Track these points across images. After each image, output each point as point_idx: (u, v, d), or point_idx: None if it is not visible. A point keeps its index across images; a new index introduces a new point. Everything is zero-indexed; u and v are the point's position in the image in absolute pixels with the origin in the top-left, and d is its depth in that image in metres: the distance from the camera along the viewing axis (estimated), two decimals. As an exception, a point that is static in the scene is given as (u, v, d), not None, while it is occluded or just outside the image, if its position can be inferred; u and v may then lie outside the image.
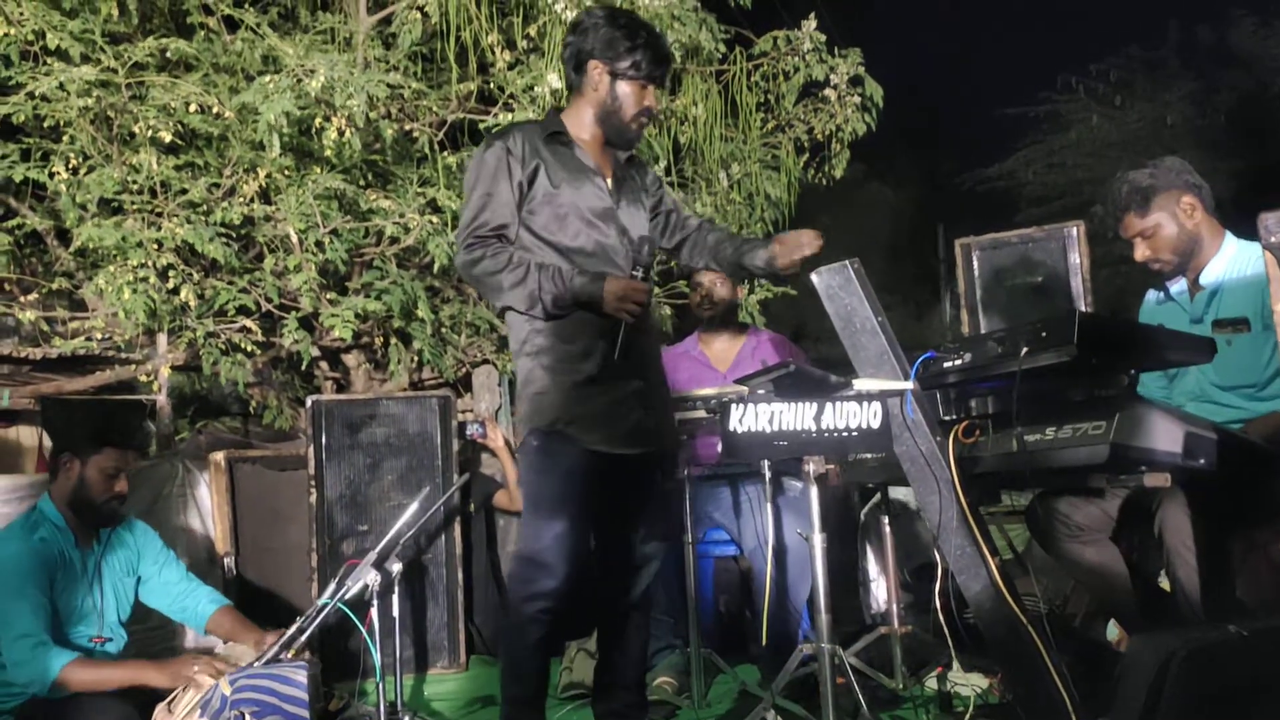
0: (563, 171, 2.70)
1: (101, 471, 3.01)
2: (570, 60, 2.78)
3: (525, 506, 2.73)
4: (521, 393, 2.70)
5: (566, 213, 2.68)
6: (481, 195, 2.65)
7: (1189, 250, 2.92)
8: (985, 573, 2.56)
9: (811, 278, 2.65)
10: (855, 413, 2.46)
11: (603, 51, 2.71)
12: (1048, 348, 2.25)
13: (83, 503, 3.02)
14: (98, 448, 3.02)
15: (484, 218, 2.64)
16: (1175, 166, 2.96)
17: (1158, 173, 2.93)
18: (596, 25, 2.72)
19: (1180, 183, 2.91)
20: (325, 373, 5.42)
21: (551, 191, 2.67)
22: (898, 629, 3.39)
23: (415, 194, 4.72)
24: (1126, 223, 2.96)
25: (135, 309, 4.05)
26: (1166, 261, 2.94)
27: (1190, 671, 2.17)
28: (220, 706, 2.74)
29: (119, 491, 3.05)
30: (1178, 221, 2.91)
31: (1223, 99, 13.00)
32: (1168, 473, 2.29)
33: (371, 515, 4.15)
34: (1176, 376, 3.02)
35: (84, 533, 3.08)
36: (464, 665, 4.18)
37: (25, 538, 2.93)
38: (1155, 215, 2.92)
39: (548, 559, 2.62)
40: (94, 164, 4.20)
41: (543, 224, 2.67)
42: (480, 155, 2.69)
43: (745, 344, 4.08)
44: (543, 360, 2.65)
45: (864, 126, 5.93)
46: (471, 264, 2.64)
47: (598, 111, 2.76)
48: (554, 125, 2.74)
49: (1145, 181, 2.92)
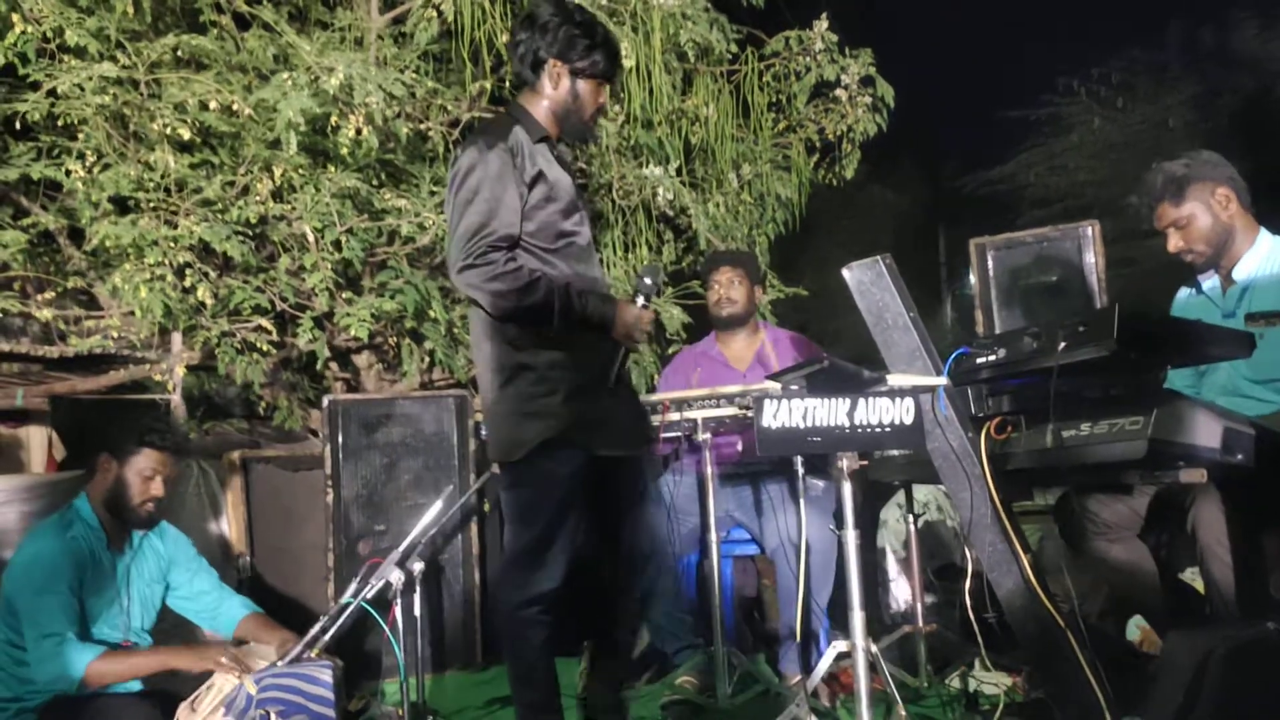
0: (555, 175, 2.67)
1: (139, 474, 2.98)
2: (526, 58, 2.71)
3: (520, 512, 2.68)
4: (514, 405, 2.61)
5: (555, 217, 2.65)
6: (487, 201, 2.52)
7: (1222, 242, 2.91)
8: (1017, 570, 2.55)
9: (843, 273, 2.64)
10: (888, 409, 2.45)
11: (563, 51, 2.68)
12: (1087, 343, 2.23)
13: (119, 504, 2.99)
14: (137, 449, 2.99)
15: (492, 226, 2.51)
16: (1212, 159, 2.94)
17: (1193, 163, 2.91)
18: (555, 23, 2.68)
19: (1216, 174, 2.90)
20: (335, 373, 5.40)
21: (547, 197, 2.63)
22: (922, 627, 3.39)
23: (429, 193, 4.71)
24: (1161, 212, 2.95)
25: (153, 307, 4.03)
26: (1200, 253, 2.93)
27: (1229, 670, 2.17)
28: (246, 706, 2.72)
29: (155, 494, 3.01)
30: (1212, 213, 2.90)
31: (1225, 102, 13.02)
32: (1204, 469, 2.28)
33: (388, 515, 4.13)
34: (1207, 371, 3.00)
35: (117, 535, 3.05)
36: (480, 665, 4.16)
37: (59, 535, 2.90)
38: (1190, 205, 2.90)
39: (546, 562, 2.62)
40: (109, 162, 4.19)
41: (533, 229, 2.62)
42: (480, 157, 2.54)
43: (763, 343, 4.06)
44: (548, 367, 2.61)
45: (875, 127, 5.94)
46: (480, 276, 2.50)
47: (557, 110, 2.73)
48: (537, 128, 2.69)
49: (1180, 171, 2.91)
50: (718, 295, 4.02)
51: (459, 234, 2.53)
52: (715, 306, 4.04)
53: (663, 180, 5.19)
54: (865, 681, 2.43)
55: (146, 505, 3.00)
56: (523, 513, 2.66)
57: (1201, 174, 2.90)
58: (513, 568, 2.66)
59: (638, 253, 5.50)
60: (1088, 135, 14.21)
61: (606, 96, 2.80)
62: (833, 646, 2.62)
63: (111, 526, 3.01)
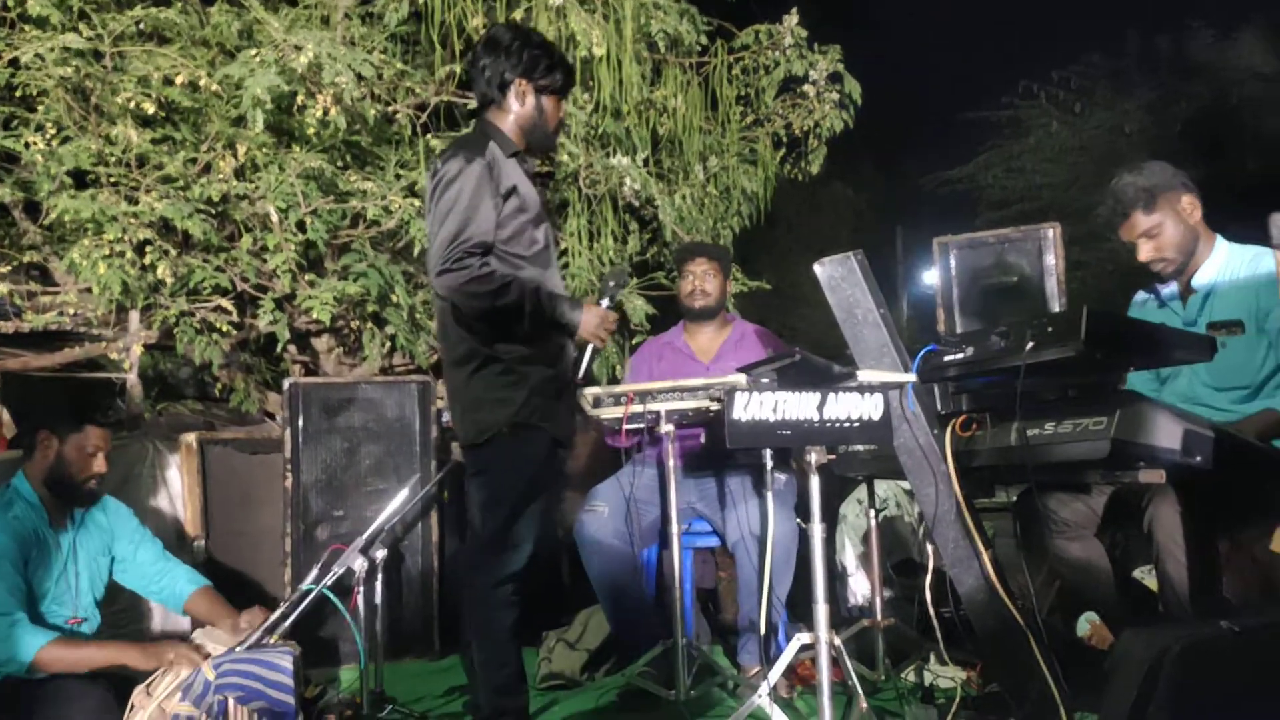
0: (525, 188, 2.86)
1: (81, 450, 2.95)
2: (492, 80, 2.91)
3: (491, 494, 2.80)
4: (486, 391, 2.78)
5: (524, 226, 2.84)
6: (465, 210, 2.70)
7: (1191, 249, 2.96)
8: (978, 566, 2.59)
9: (814, 268, 2.65)
10: (857, 404, 2.47)
11: (527, 71, 2.90)
12: (1054, 342, 2.26)
13: (60, 481, 2.95)
14: (78, 426, 2.95)
15: (469, 232, 2.69)
16: (1168, 168, 3.01)
17: (1156, 173, 2.97)
18: (517, 46, 2.90)
19: (1179, 183, 2.96)
20: (294, 356, 5.34)
21: (519, 208, 2.81)
22: (880, 621, 3.42)
23: (395, 176, 4.67)
24: (1133, 221, 2.99)
25: (111, 284, 3.96)
26: (1170, 260, 2.98)
27: (1183, 668, 2.20)
28: (203, 691, 2.69)
29: (98, 470, 2.98)
30: (1181, 220, 2.96)
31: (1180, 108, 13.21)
32: (1163, 469, 2.33)
33: (347, 500, 4.10)
34: (1168, 378, 3.06)
35: (59, 511, 3.00)
36: (438, 653, 4.15)
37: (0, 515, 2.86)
38: (1160, 214, 2.96)
39: (519, 539, 2.76)
40: (69, 135, 4.10)
41: (506, 237, 2.79)
42: (460, 169, 2.73)
43: (729, 336, 4.07)
44: (515, 359, 2.77)
45: (841, 123, 5.98)
46: (457, 279, 2.68)
47: (524, 125, 2.94)
48: (509, 143, 2.88)
49: (1149, 182, 2.96)
50: (692, 286, 4.02)
51: (439, 240, 2.71)
52: (688, 298, 4.04)
53: (630, 170, 5.18)
54: (827, 674, 2.45)
55: (90, 482, 2.98)
56: (493, 494, 2.79)
57: (1167, 184, 2.96)
58: (486, 549, 2.76)
59: (603, 242, 5.48)
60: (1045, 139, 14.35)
61: (564, 111, 3.04)
62: (796, 639, 2.63)
63: (52, 504, 2.98)
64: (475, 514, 2.86)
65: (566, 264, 5.41)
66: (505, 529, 2.76)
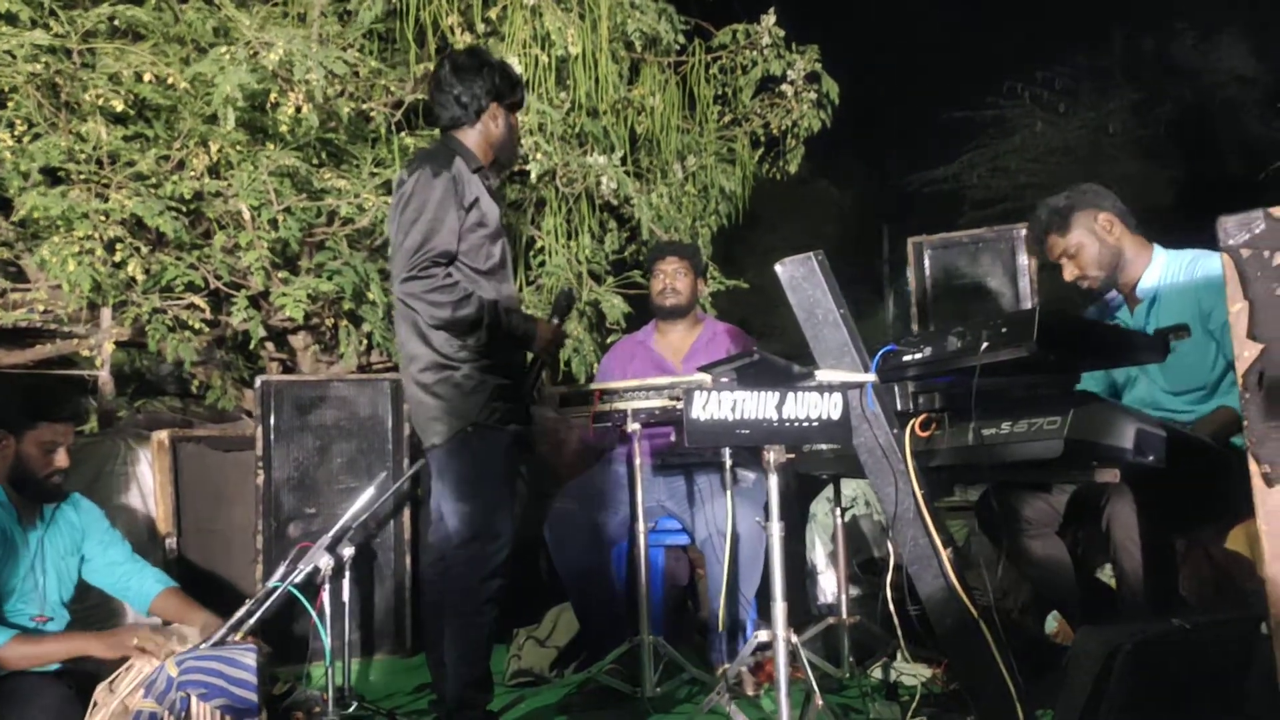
0: (487, 203, 2.97)
1: (39, 446, 2.93)
2: (469, 105, 3.02)
3: (464, 490, 2.88)
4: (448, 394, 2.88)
5: (484, 241, 2.94)
6: (430, 221, 2.80)
7: (1113, 265, 3.03)
8: (937, 565, 2.60)
9: (775, 268, 2.66)
10: (816, 403, 2.48)
11: (498, 93, 3.05)
12: (1008, 343, 2.28)
13: (23, 479, 2.94)
14: (32, 423, 2.93)
15: (433, 243, 2.79)
16: (1091, 189, 3.09)
17: (1073, 195, 3.07)
18: (489, 71, 3.03)
19: (1097, 203, 3.04)
20: (271, 353, 5.33)
21: (479, 222, 2.92)
22: (846, 619, 3.44)
23: (370, 174, 4.67)
24: (1050, 244, 3.09)
25: (80, 281, 3.96)
26: (1094, 278, 3.05)
27: (1135, 664, 2.23)
28: (166, 688, 2.69)
29: (59, 465, 2.97)
30: (1098, 238, 3.03)
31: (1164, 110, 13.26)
32: (1117, 469, 2.35)
33: (320, 498, 4.11)
34: (1126, 385, 3.10)
35: (27, 510, 3.00)
36: (409, 650, 4.15)
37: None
38: (1075, 234, 3.03)
39: (499, 530, 2.87)
40: (40, 131, 4.09)
41: (465, 249, 2.89)
42: (426, 182, 2.83)
43: (700, 335, 4.09)
44: (473, 367, 2.88)
45: (819, 123, 6.00)
46: (421, 288, 2.79)
47: (495, 144, 3.08)
48: (473, 159, 3.00)
49: (1062, 204, 3.07)
50: (662, 285, 4.04)
51: (404, 248, 2.82)
52: (659, 296, 4.06)
53: (606, 169, 5.18)
54: (785, 671, 2.46)
55: (52, 477, 2.96)
56: (463, 491, 2.88)
57: (1083, 203, 3.04)
58: (466, 545, 2.86)
59: (579, 240, 5.49)
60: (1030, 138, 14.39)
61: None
62: (754, 636, 2.65)
63: (20, 502, 2.97)
64: (447, 516, 2.91)
65: (543, 262, 5.42)
66: (482, 524, 2.85)
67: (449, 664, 2.88)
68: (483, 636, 2.89)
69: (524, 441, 3.03)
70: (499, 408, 2.90)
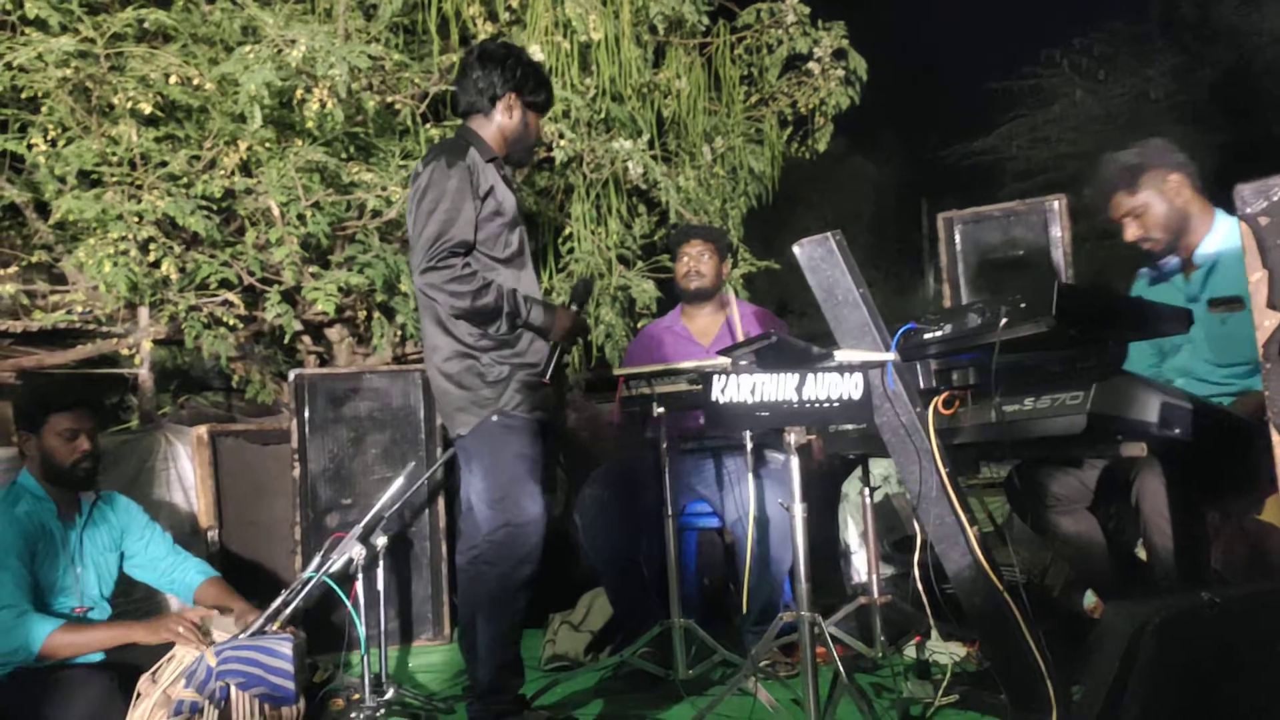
0: (503, 192, 2.99)
1: (59, 436, 3.01)
2: (485, 91, 3.05)
3: (492, 479, 2.90)
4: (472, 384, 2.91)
5: (501, 229, 2.96)
6: (447, 211, 2.83)
7: (1179, 228, 2.92)
8: (964, 542, 2.58)
9: (793, 249, 2.66)
10: (836, 384, 2.47)
11: (519, 86, 3.06)
12: (1026, 318, 2.26)
13: (54, 471, 3.02)
14: (44, 416, 3.02)
15: (451, 233, 2.82)
16: (1161, 146, 2.96)
17: (1144, 151, 2.93)
18: (511, 63, 3.05)
19: (1167, 161, 2.92)
20: (308, 347, 5.40)
21: (496, 211, 2.94)
22: (877, 599, 3.43)
23: (398, 167, 4.70)
24: (1115, 202, 2.96)
25: (116, 282, 4.03)
26: (1157, 240, 2.95)
27: (1163, 639, 2.20)
28: (206, 677, 2.75)
29: (83, 450, 3.03)
30: (1166, 199, 2.91)
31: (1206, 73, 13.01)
32: (1144, 442, 2.32)
33: (355, 489, 4.16)
34: (1169, 354, 3.03)
35: (65, 504, 3.07)
36: (447, 637, 4.20)
37: (5, 510, 2.93)
38: (1143, 194, 2.92)
39: (528, 517, 2.88)
40: (73, 135, 4.17)
41: (482, 238, 2.92)
42: (441, 173, 2.86)
43: (728, 318, 4.08)
44: (495, 356, 2.92)
45: (847, 100, 5.95)
46: (441, 278, 2.82)
47: (509, 135, 3.09)
48: (487, 149, 3.01)
49: (1132, 160, 2.93)
50: (686, 268, 4.04)
51: (422, 240, 2.84)
52: (683, 279, 4.06)
53: (633, 154, 5.18)
54: (810, 651, 2.47)
55: (81, 465, 3.03)
56: (492, 479, 2.90)
57: (1153, 161, 2.92)
58: (503, 532, 2.87)
59: (609, 225, 5.49)
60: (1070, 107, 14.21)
61: (542, 128, 3.27)
62: (780, 618, 2.65)
63: (58, 496, 3.05)
64: (476, 505, 2.94)
65: (572, 249, 5.43)
66: (511, 511, 2.87)
67: (481, 649, 2.91)
68: (514, 622, 2.92)
69: (551, 428, 3.05)
70: (523, 395, 2.92)
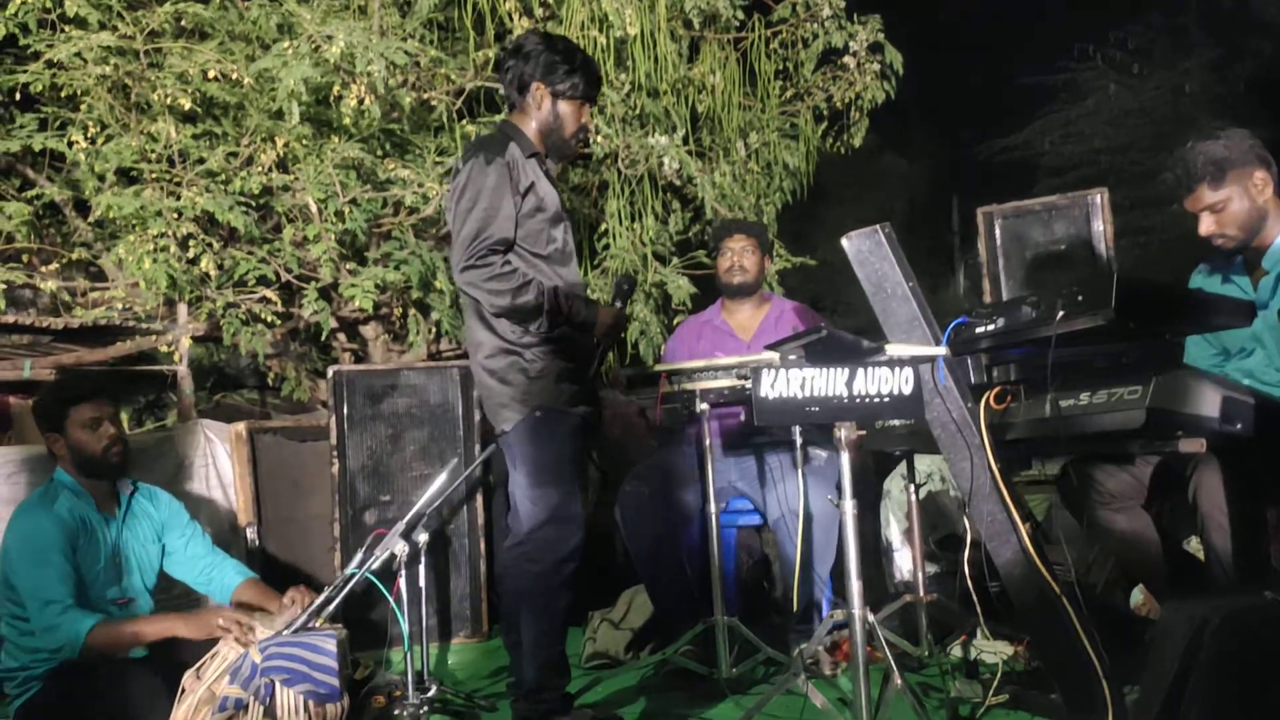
0: (544, 188, 2.94)
1: (83, 428, 3.02)
2: (513, 82, 3.01)
3: (537, 475, 2.88)
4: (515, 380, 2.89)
5: (543, 226, 2.92)
6: (486, 209, 2.79)
7: (1256, 228, 2.81)
8: (1016, 540, 2.54)
9: (842, 242, 2.62)
10: (887, 379, 2.44)
11: (545, 74, 2.97)
12: (1084, 311, 2.21)
13: (87, 464, 3.03)
14: (64, 411, 3.03)
15: (490, 231, 2.79)
16: (1247, 139, 2.83)
17: (1231, 145, 2.80)
18: (537, 50, 2.98)
19: (1254, 157, 2.79)
20: (343, 344, 5.42)
21: (537, 207, 2.90)
22: (923, 597, 3.39)
23: (434, 163, 4.70)
24: (1198, 194, 2.82)
25: (156, 278, 4.05)
26: (1232, 238, 2.82)
27: (1224, 638, 2.16)
28: (250, 674, 2.74)
29: (110, 435, 3.04)
30: (1249, 197, 2.79)
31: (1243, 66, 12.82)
32: (1203, 438, 2.26)
33: (394, 485, 4.15)
34: (1234, 356, 2.94)
35: (103, 497, 3.09)
36: (486, 635, 4.19)
37: (45, 507, 2.95)
38: (1228, 189, 2.78)
39: (574, 513, 2.87)
40: (112, 133, 4.19)
41: (523, 235, 2.88)
42: (479, 170, 2.82)
43: (769, 313, 4.05)
44: (538, 351, 2.89)
45: (883, 94, 5.90)
46: (480, 276, 2.79)
47: (541, 128, 3.01)
48: (528, 144, 2.96)
49: (1220, 154, 2.79)
50: (729, 263, 4.00)
51: (461, 238, 2.81)
52: (726, 274, 4.02)
53: (668, 149, 5.15)
54: (862, 650, 2.43)
55: (112, 451, 3.04)
56: (535, 475, 2.88)
57: (1241, 158, 2.78)
58: (545, 529, 2.86)
59: (644, 222, 5.47)
60: (1104, 102, 14.03)
61: (589, 118, 3.10)
62: (829, 616, 2.62)
63: (95, 489, 3.06)
64: (520, 501, 2.92)
65: (607, 245, 5.41)
66: (557, 507, 2.85)
67: (525, 647, 2.89)
68: (559, 620, 2.90)
69: (592, 425, 3.03)
70: (566, 390, 2.90)
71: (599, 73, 3.14)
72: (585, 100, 3.05)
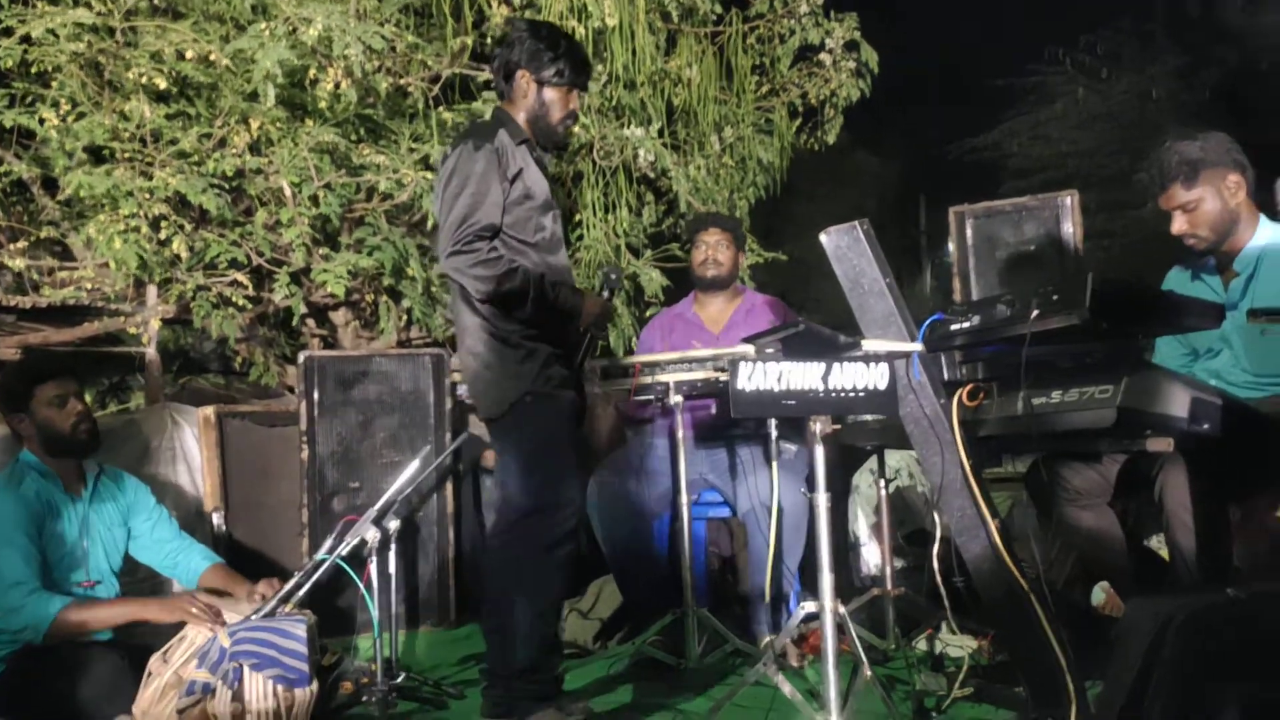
0: (533, 175, 2.94)
1: (50, 405, 3.01)
2: (500, 70, 3.02)
3: (527, 461, 2.86)
4: (502, 364, 2.86)
5: (532, 213, 2.92)
6: (473, 195, 2.79)
7: (1227, 230, 2.86)
8: (985, 535, 2.57)
9: (820, 238, 2.63)
10: (862, 373, 2.47)
11: (529, 62, 2.97)
12: (1059, 310, 2.24)
13: (55, 442, 3.02)
14: (30, 392, 3.01)
15: (477, 216, 2.78)
16: (1223, 142, 2.88)
17: (1207, 146, 2.85)
18: (521, 38, 2.98)
19: (1228, 160, 2.85)
20: (312, 329, 5.37)
21: (526, 194, 2.90)
22: (890, 591, 3.43)
23: (409, 149, 4.67)
24: (1171, 193, 2.88)
25: (127, 259, 3.99)
26: (1203, 238, 2.88)
27: (1187, 635, 2.20)
28: (219, 658, 2.73)
29: (76, 412, 3.03)
30: (1222, 199, 2.84)
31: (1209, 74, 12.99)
32: (1171, 438, 2.31)
33: (363, 472, 4.14)
34: (1202, 356, 3.00)
35: (70, 477, 3.06)
36: (454, 622, 4.19)
37: (10, 488, 2.92)
38: (1200, 189, 2.84)
39: (565, 498, 2.86)
40: (84, 110, 4.12)
41: (511, 222, 2.87)
42: (468, 156, 2.82)
43: (739, 306, 4.07)
44: (525, 336, 2.87)
45: (858, 92, 5.93)
46: (466, 262, 2.78)
47: (528, 116, 3.01)
48: (518, 131, 2.95)
49: (1194, 154, 2.84)
50: (704, 256, 4.02)
51: (448, 223, 2.80)
52: (700, 267, 4.04)
53: (644, 142, 5.16)
54: (833, 643, 2.46)
55: (80, 428, 3.03)
56: (526, 461, 2.87)
57: (1215, 158, 2.84)
58: (532, 516, 2.84)
59: (618, 214, 5.47)
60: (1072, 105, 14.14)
61: (577, 103, 3.08)
62: (801, 608, 2.64)
63: (62, 469, 3.04)
64: (510, 487, 2.91)
65: (581, 236, 5.41)
66: (547, 494, 2.84)
67: (518, 630, 2.82)
68: (552, 601, 2.91)
69: (577, 411, 3.02)
70: (556, 374, 2.89)
71: (586, 58, 3.11)
72: (572, 87, 3.03)
